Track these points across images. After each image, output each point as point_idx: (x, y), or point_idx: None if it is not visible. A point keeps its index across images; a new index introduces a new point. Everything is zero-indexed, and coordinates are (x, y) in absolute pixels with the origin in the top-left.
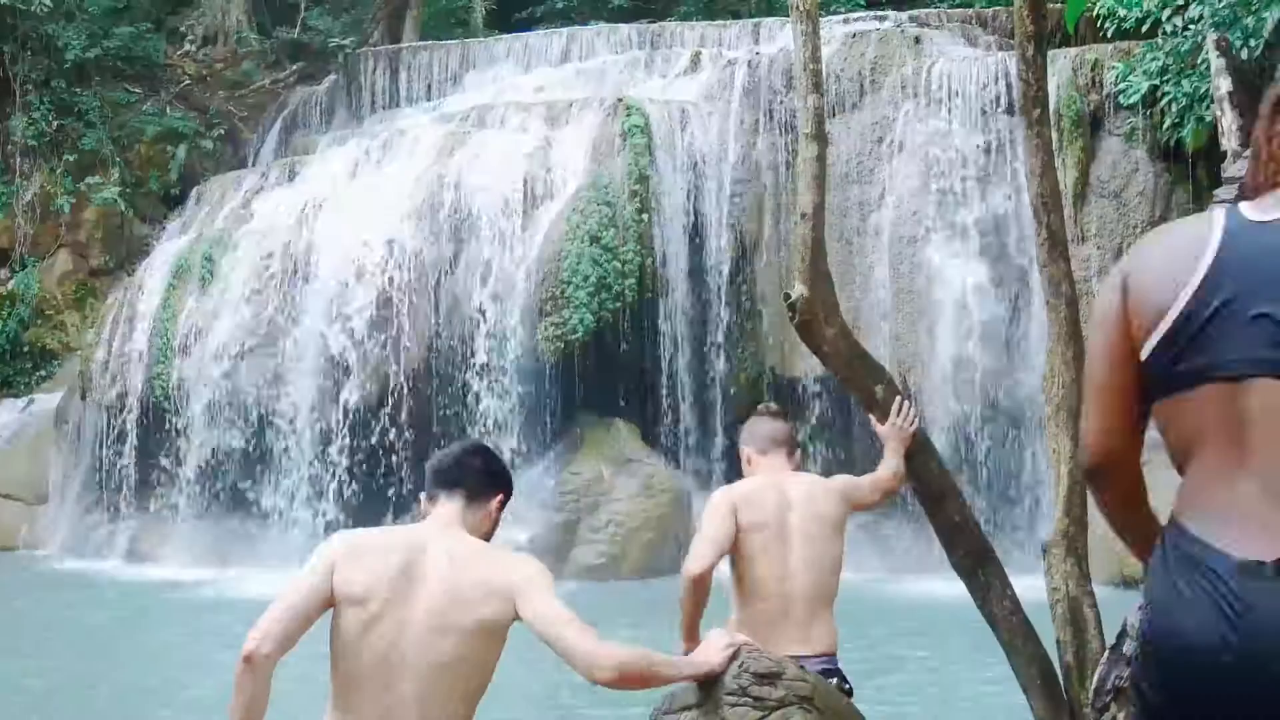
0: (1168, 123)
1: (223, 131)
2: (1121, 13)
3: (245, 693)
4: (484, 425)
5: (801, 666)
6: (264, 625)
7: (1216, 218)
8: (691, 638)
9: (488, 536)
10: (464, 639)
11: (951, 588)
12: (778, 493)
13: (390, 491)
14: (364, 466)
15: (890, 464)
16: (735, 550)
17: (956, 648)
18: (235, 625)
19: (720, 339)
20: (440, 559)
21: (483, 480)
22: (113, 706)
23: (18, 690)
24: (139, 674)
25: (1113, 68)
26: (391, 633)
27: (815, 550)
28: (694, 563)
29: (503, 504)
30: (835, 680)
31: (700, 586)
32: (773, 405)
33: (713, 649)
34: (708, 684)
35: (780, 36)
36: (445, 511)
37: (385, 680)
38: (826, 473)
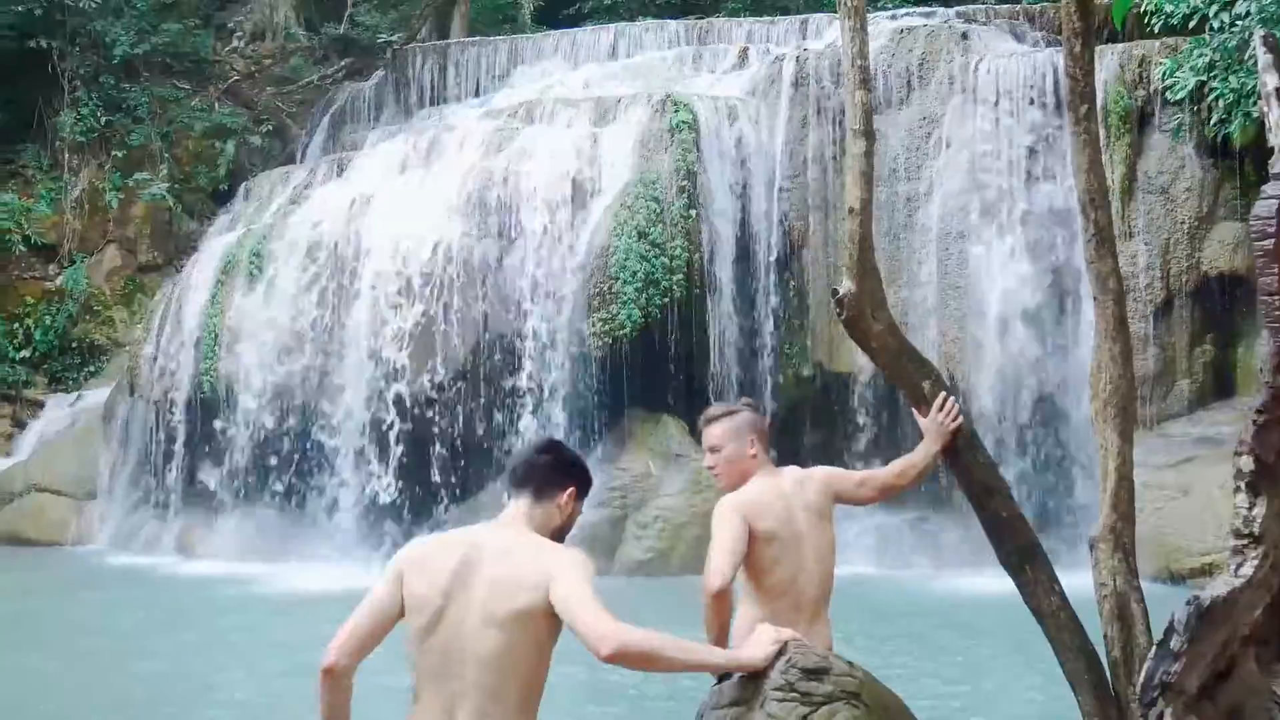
0: (1215, 118)
1: (271, 127)
2: (1169, 8)
3: (325, 702)
4: (532, 421)
5: (849, 663)
6: (340, 639)
7: None
8: (723, 636)
9: (563, 529)
10: (508, 629)
11: (999, 583)
12: (781, 496)
13: (438, 487)
14: (411, 462)
15: (908, 460)
16: (749, 556)
17: (1004, 643)
18: (281, 621)
19: (768, 334)
20: (490, 556)
21: (550, 475)
22: (156, 701)
23: (63, 684)
24: (183, 669)
25: (1160, 64)
26: (450, 629)
27: (818, 545)
28: (715, 578)
29: (576, 496)
30: None
31: (723, 601)
32: (752, 400)
33: (759, 644)
34: (755, 679)
35: (828, 32)
36: (511, 509)
37: (449, 673)
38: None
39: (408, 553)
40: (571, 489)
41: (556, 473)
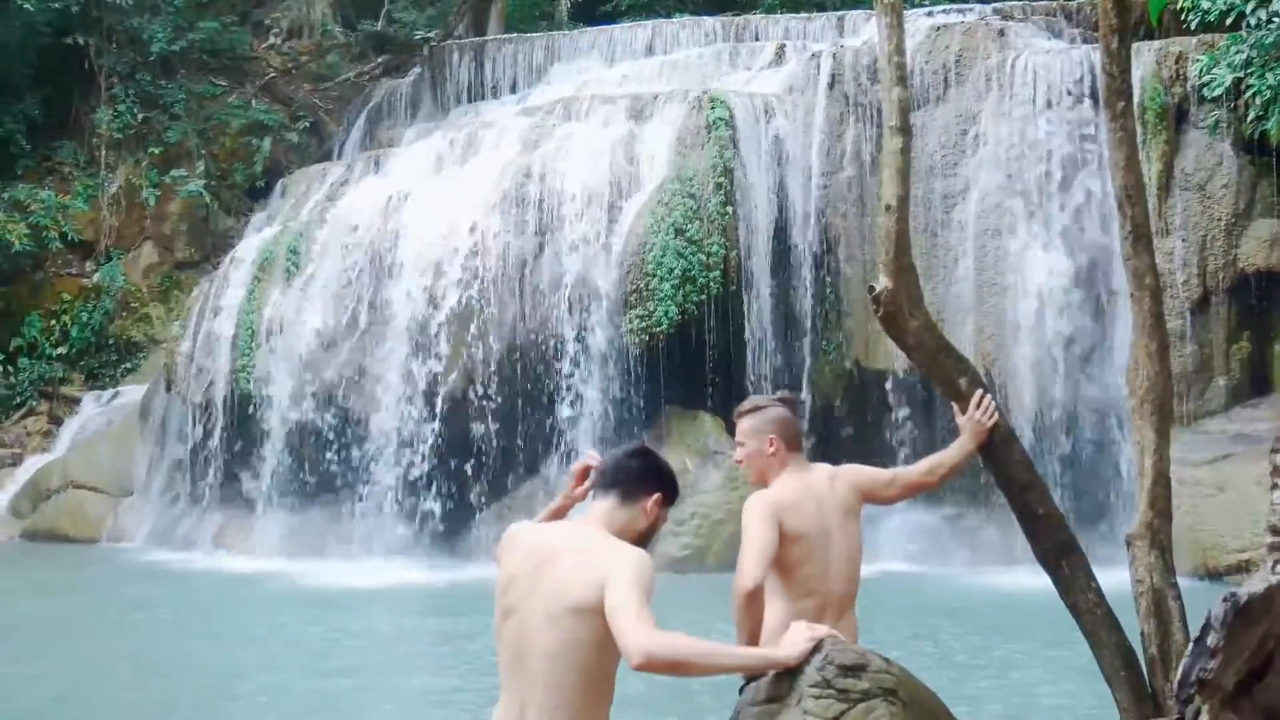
0: (1252, 115)
1: (308, 124)
2: (1205, 5)
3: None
4: (569, 417)
5: (886, 659)
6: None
7: None
8: (755, 636)
9: (647, 534)
10: (567, 626)
11: (1035, 580)
12: (812, 494)
13: (474, 484)
14: (447, 459)
15: (939, 457)
16: (778, 555)
17: (1040, 640)
18: (317, 617)
19: (805, 331)
20: (562, 553)
21: (638, 479)
22: (193, 696)
23: (101, 680)
24: (219, 664)
25: (1197, 60)
26: (518, 623)
27: (847, 544)
28: (748, 579)
29: (662, 503)
30: None
31: (756, 601)
32: (791, 394)
33: (794, 642)
34: (791, 676)
35: (864, 29)
36: (595, 509)
37: (519, 666)
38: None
39: (506, 537)
40: (659, 495)
41: (646, 478)
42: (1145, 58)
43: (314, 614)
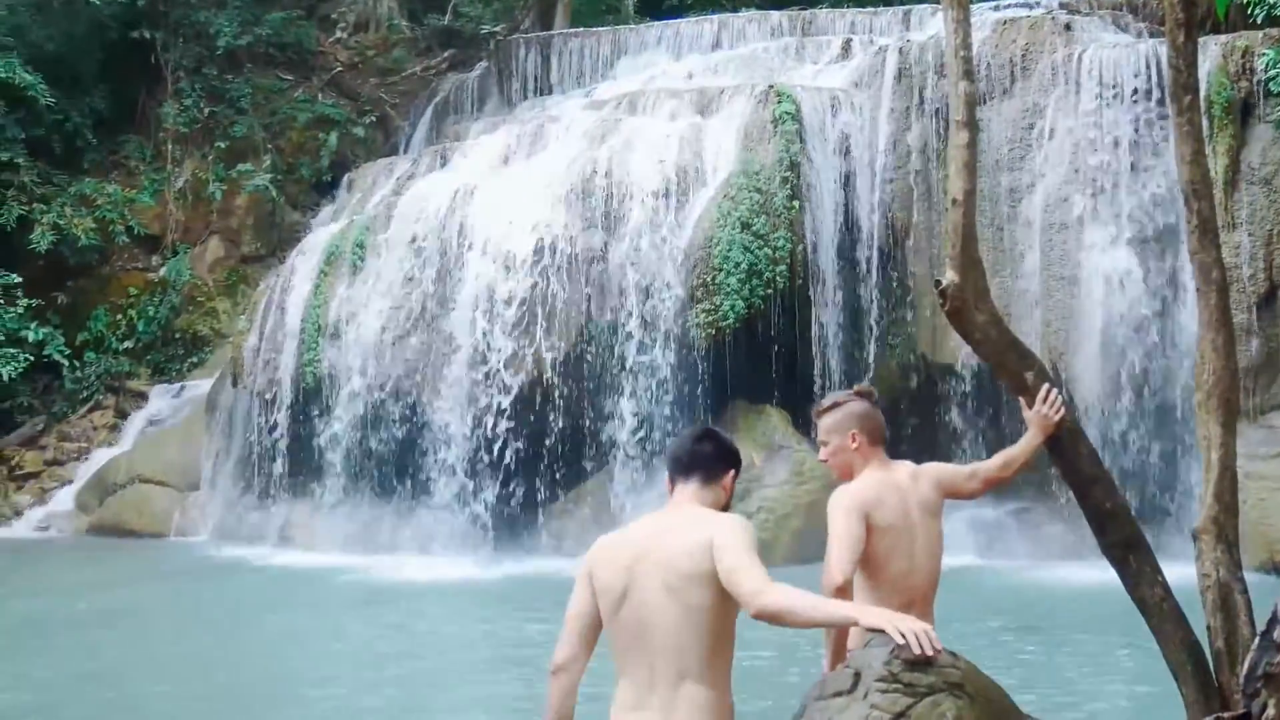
0: None
1: (374, 118)
2: (1272, 0)
3: (550, 700)
4: (635, 412)
5: (953, 653)
6: (559, 646)
7: None
8: (841, 650)
9: (726, 507)
10: (683, 593)
11: (1102, 574)
12: (896, 489)
13: (542, 478)
14: (515, 453)
15: (1011, 452)
16: (865, 550)
17: (1106, 634)
18: (382, 611)
19: (871, 325)
20: (664, 532)
21: (715, 463)
22: (260, 690)
23: (168, 674)
24: (284, 658)
25: (1263, 54)
26: (635, 604)
27: (930, 540)
28: (837, 574)
29: (734, 477)
30: None
31: (845, 597)
32: (870, 387)
33: (892, 618)
34: (858, 671)
35: (931, 23)
36: (682, 495)
37: (641, 644)
38: (979, 460)
39: (593, 550)
40: (733, 472)
41: (720, 459)
42: (1211, 52)
43: (379, 610)
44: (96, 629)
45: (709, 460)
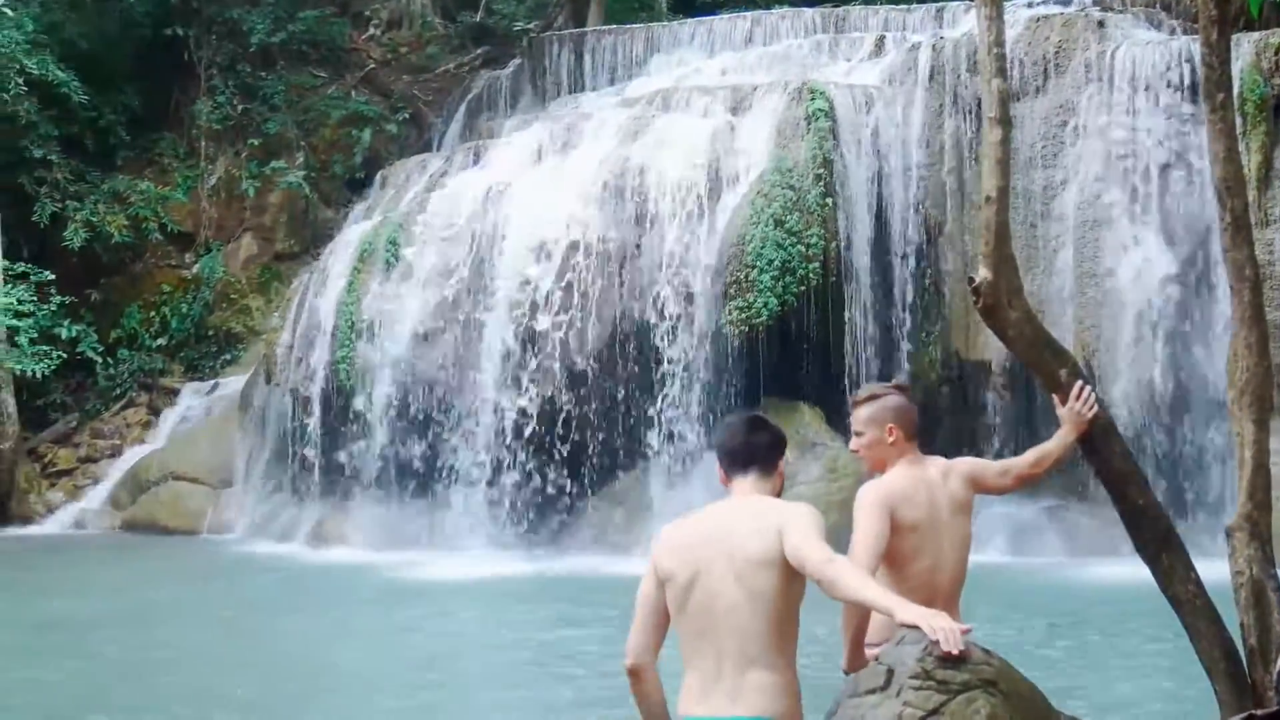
0: None
1: (407, 115)
2: None
3: (637, 698)
4: (668, 410)
5: (986, 650)
6: (631, 639)
7: None
8: (859, 651)
9: (780, 492)
10: (750, 579)
11: (1135, 571)
12: (926, 485)
13: (574, 475)
14: (547, 450)
15: (1044, 449)
16: (890, 546)
17: (1139, 631)
18: (416, 610)
19: (904, 322)
20: (730, 521)
21: (770, 453)
22: (292, 686)
23: (200, 670)
24: (317, 655)
25: None
26: (703, 591)
27: (957, 537)
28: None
29: (785, 461)
30: None
31: None
32: (906, 381)
33: (925, 614)
34: (892, 668)
35: (964, 20)
36: (741, 488)
37: (709, 629)
38: (1012, 457)
39: (659, 541)
40: (783, 456)
41: (774, 448)
42: (1245, 49)
43: (413, 608)
44: (125, 627)
45: (765, 452)
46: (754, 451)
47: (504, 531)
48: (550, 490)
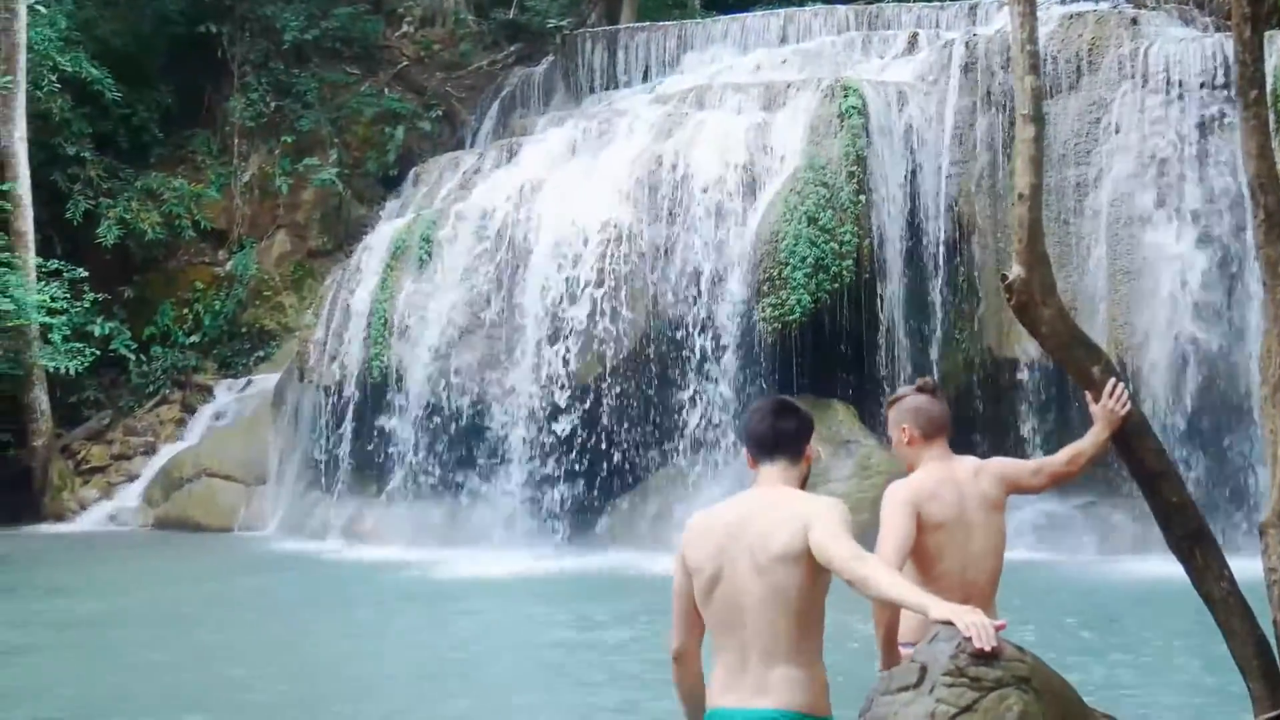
0: None
1: (440, 112)
2: None
3: (678, 684)
4: (701, 407)
5: (1019, 648)
6: (673, 630)
7: None
8: (892, 649)
9: (807, 477)
10: (775, 572)
11: (1168, 568)
12: (954, 485)
13: (608, 472)
14: (580, 448)
15: (1077, 446)
16: (917, 544)
17: (1173, 628)
18: (449, 607)
19: (937, 320)
20: (756, 512)
21: (798, 439)
22: (326, 684)
23: (234, 666)
24: (351, 652)
25: None
26: (729, 582)
27: (989, 536)
28: None
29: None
30: None
31: None
32: (931, 381)
33: (957, 610)
34: (925, 665)
35: (997, 17)
36: (769, 475)
37: (735, 621)
38: (1045, 455)
39: (686, 532)
40: (810, 442)
41: (802, 434)
42: (1278, 46)
43: (446, 606)
44: (157, 625)
45: (793, 438)
46: (780, 437)
47: (537, 528)
48: (582, 487)
